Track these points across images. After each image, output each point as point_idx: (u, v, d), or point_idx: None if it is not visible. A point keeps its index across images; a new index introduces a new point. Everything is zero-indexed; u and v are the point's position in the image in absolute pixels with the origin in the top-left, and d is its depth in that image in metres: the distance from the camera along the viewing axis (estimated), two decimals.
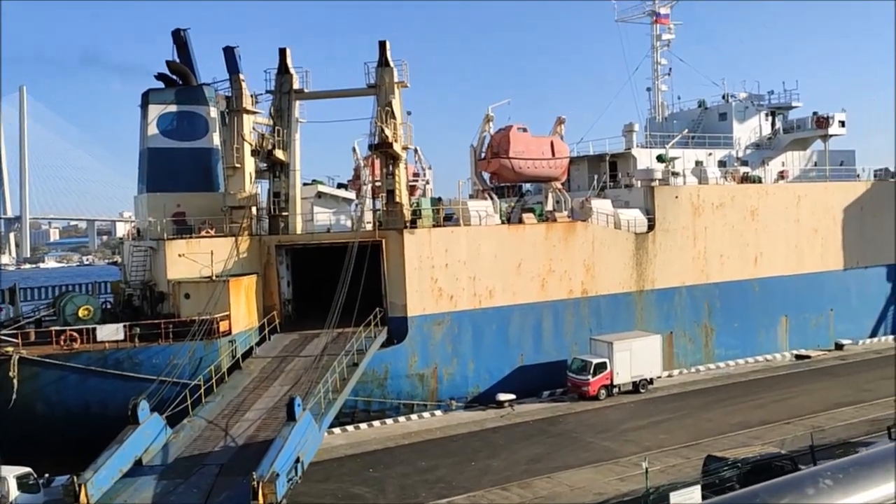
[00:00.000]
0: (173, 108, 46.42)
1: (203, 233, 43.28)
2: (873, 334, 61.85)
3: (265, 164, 47.41)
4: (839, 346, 58.30)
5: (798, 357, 56.05)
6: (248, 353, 39.63)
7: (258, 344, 40.83)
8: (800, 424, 37.64)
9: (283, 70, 46.07)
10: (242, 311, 40.94)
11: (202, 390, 33.98)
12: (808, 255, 59.00)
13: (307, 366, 37.33)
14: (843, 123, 64.50)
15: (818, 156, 66.27)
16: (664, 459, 32.99)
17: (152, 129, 46.24)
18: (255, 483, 24.13)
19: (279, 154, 45.28)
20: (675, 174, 55.68)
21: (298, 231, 46.51)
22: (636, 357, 45.89)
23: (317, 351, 39.18)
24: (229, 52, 47.79)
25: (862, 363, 53.50)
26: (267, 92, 46.69)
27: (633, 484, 29.19)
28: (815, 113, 65.12)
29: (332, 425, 37.04)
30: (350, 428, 40.41)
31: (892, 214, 62.97)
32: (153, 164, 46.29)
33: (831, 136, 64.45)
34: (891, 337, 62.00)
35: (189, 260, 41.08)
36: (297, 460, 27.57)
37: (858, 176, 65.95)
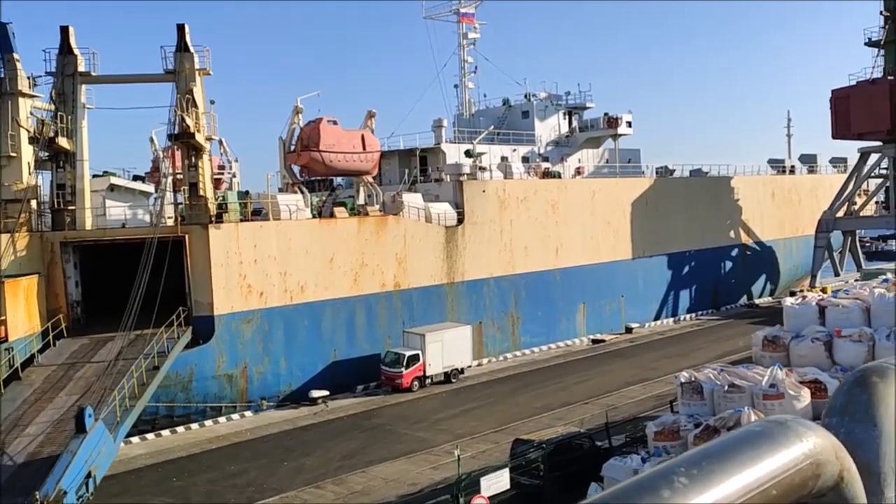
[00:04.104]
0: None
1: None
2: (657, 318, 67.71)
3: (46, 154, 42.91)
4: (629, 330, 63.15)
5: (594, 341, 60.07)
6: (28, 362, 35.80)
7: (41, 351, 37.00)
8: (596, 404, 40.31)
9: (65, 50, 41.99)
10: (21, 316, 36.87)
11: None
12: (603, 245, 63.37)
13: (100, 372, 34.36)
14: (629, 124, 70.12)
15: (609, 153, 71.61)
16: (475, 445, 33.95)
17: None
18: (39, 503, 21.83)
19: (63, 142, 41.17)
20: (483, 169, 57.60)
21: (88, 227, 42.71)
22: (448, 348, 46.91)
23: (111, 356, 36.14)
24: (1, 29, 42.76)
25: (647, 344, 58.39)
26: (47, 74, 42.39)
27: (445, 472, 29.72)
28: (606, 114, 70.32)
29: (130, 434, 34.45)
30: (151, 436, 37.75)
31: (673, 207, 69.47)
32: None
33: (620, 135, 69.84)
34: (671, 319, 68.35)
35: None
36: (89, 475, 25.35)
37: (644, 172, 72.04)
